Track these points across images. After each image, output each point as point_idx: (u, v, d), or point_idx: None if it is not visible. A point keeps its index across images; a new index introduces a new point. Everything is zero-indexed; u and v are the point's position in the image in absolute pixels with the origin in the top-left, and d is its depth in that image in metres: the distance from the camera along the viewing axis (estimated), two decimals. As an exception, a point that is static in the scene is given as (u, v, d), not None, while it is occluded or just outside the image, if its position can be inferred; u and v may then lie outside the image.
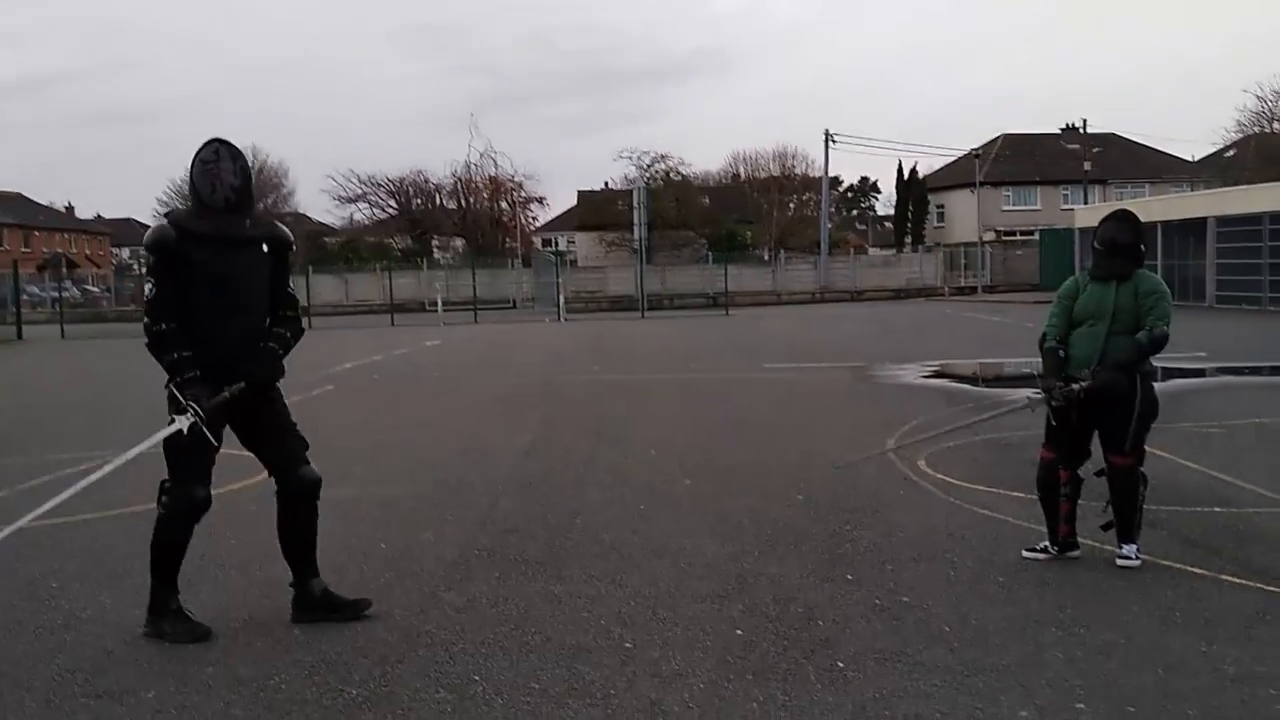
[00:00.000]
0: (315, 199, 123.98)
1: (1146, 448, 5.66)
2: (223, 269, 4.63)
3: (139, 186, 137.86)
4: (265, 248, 4.79)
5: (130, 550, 6.33)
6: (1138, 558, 5.49)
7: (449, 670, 4.29)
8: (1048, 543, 5.70)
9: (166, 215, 4.78)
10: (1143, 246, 5.77)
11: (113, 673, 4.34)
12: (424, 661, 4.40)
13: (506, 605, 5.13)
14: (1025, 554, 5.70)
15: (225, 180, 4.61)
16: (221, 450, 4.82)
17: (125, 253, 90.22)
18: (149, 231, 4.76)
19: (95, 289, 61.23)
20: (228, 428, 4.86)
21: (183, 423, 4.57)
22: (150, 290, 4.65)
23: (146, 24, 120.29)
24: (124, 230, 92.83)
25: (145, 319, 4.62)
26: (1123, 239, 5.63)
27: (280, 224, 5.17)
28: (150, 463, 5.01)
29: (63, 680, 4.26)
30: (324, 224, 72.87)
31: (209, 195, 4.61)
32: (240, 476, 8.43)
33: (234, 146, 4.67)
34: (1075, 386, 5.42)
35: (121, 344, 30.94)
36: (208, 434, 4.61)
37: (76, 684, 4.22)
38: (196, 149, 4.65)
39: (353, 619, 4.90)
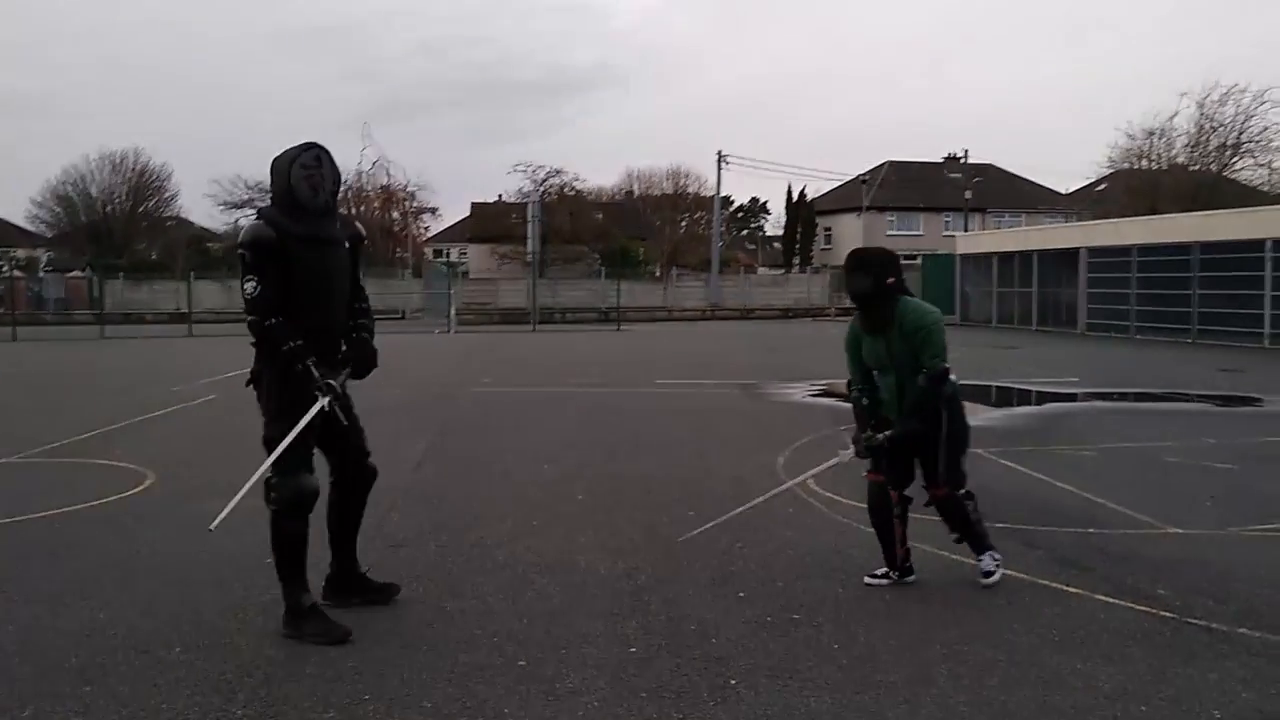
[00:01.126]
0: (199, 204, 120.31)
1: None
2: (318, 266, 4.86)
3: (7, 186, 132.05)
4: (347, 244, 5.06)
5: (1, 563, 6.09)
6: (997, 566, 5.65)
7: (338, 689, 4.22)
8: (886, 569, 5.72)
9: (259, 215, 4.93)
10: (890, 279, 5.50)
11: (-19, 693, 4.15)
12: (312, 680, 4.31)
13: (397, 622, 5.06)
14: (867, 580, 5.71)
15: (326, 186, 4.87)
16: (103, 463, 4.68)
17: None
18: (246, 230, 4.88)
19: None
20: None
21: (323, 401, 4.80)
22: (253, 289, 4.76)
23: (10, 10, 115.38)
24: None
25: (250, 316, 4.78)
26: (863, 289, 5.52)
27: (357, 221, 5.38)
28: (29, 472, 4.80)
29: (-73, 701, 4.07)
30: (207, 229, 70.80)
31: (310, 199, 4.83)
32: (122, 488, 8.17)
33: (329, 152, 4.90)
34: (880, 437, 5.49)
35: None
36: (339, 412, 4.89)
37: (-58, 705, 4.03)
38: (291, 152, 4.84)
39: (383, 603, 5.21)
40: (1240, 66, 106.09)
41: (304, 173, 4.81)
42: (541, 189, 62.56)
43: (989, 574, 5.65)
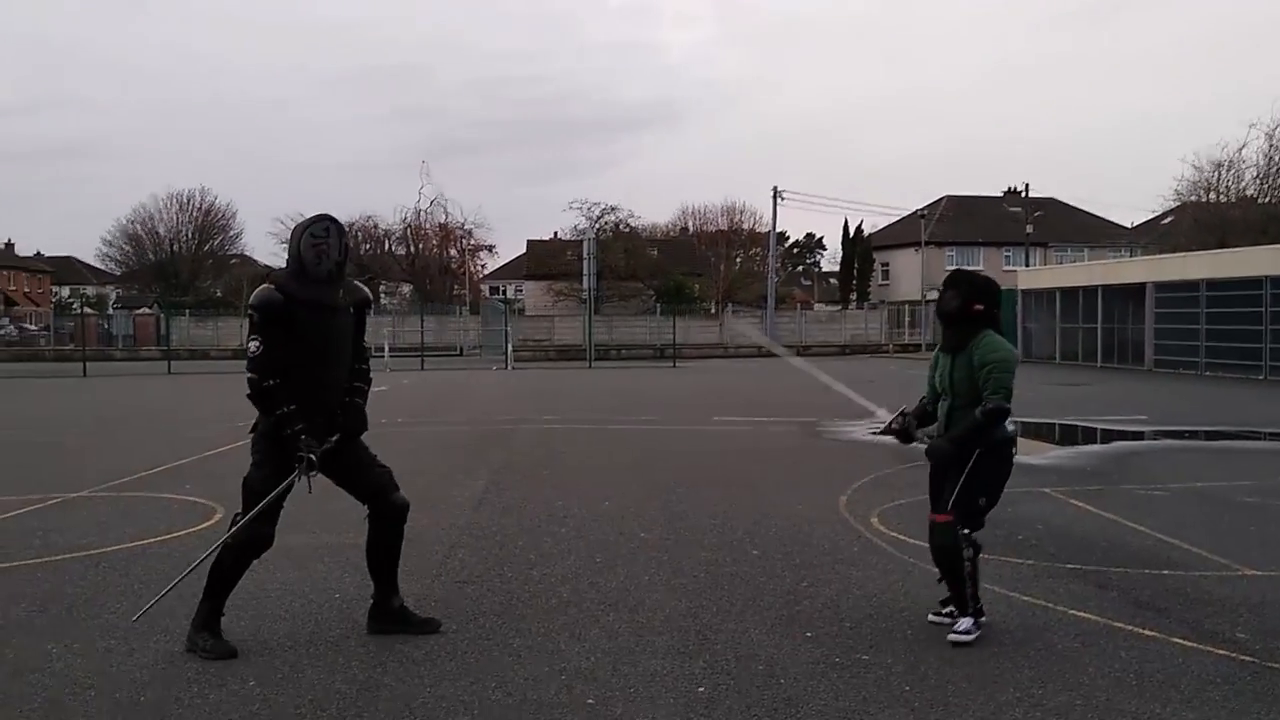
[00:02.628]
0: (263, 241, 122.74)
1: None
2: (322, 330, 5.16)
3: (80, 224, 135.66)
4: (351, 310, 5.33)
5: (77, 597, 6.21)
6: (972, 635, 5.30)
7: (409, 725, 4.23)
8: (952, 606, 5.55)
9: (269, 280, 5.23)
10: (978, 306, 5.46)
11: (61, 725, 4.22)
12: (383, 715, 4.34)
13: (465, 659, 5.08)
14: (930, 618, 5.63)
15: (331, 255, 5.15)
16: (173, 498, 4.80)
17: (65, 291, 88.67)
18: (256, 293, 5.17)
19: (33, 328, 60.00)
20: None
21: (298, 473, 5.08)
22: (256, 348, 5.05)
23: (89, 58, 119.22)
24: (65, 268, 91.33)
25: (251, 374, 5.06)
26: (947, 307, 5.52)
27: (361, 285, 5.67)
28: (101, 505, 4.91)
29: (9, 732, 4.15)
30: (270, 267, 72.18)
31: (315, 266, 5.13)
32: (192, 522, 8.30)
33: (339, 224, 5.25)
34: (911, 420, 5.73)
35: (59, 383, 30.37)
36: (309, 481, 5.13)
37: (24, 736, 4.10)
38: (305, 222, 5.19)
39: (425, 633, 5.38)
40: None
41: (312, 241, 5.13)
42: (596, 226, 63.03)
43: (960, 634, 5.31)
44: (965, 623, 5.36)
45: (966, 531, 5.38)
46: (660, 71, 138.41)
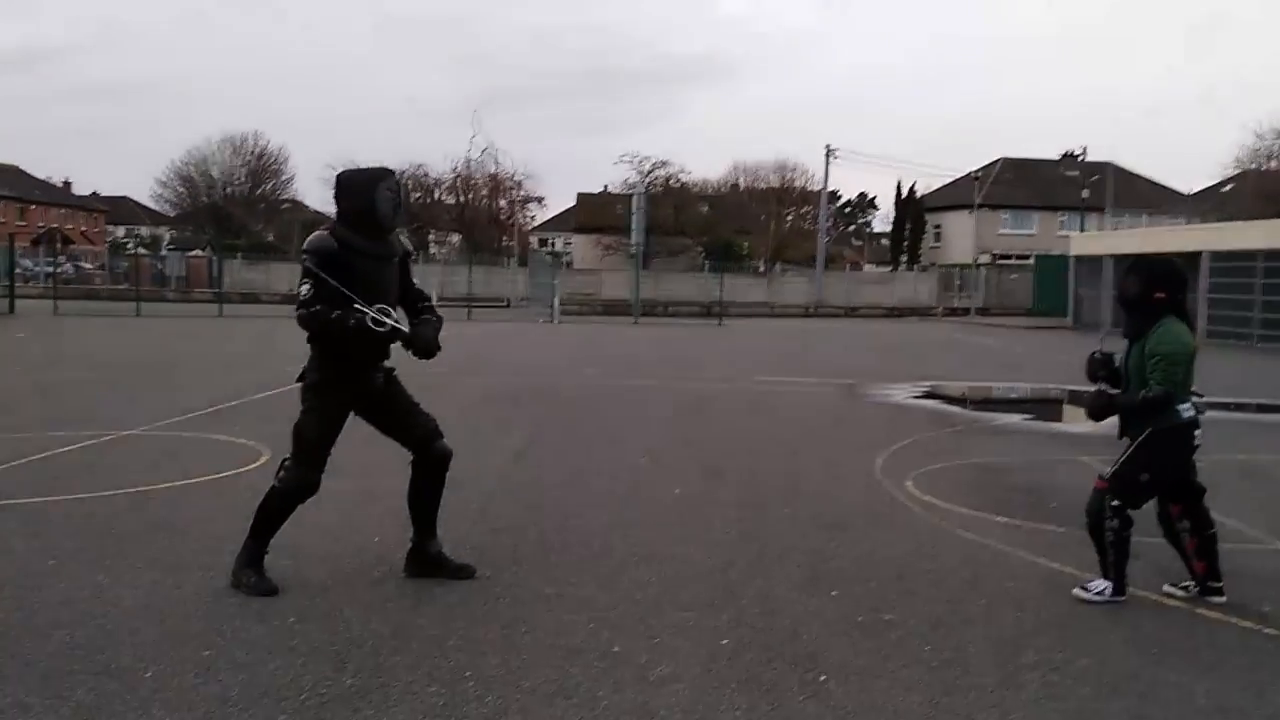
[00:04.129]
0: (313, 187, 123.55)
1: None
2: (372, 278, 5.31)
3: (136, 165, 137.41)
4: (396, 260, 5.53)
5: (128, 531, 6.44)
6: (1094, 594, 5.47)
7: (441, 665, 4.39)
8: (1188, 581, 5.65)
9: (327, 228, 5.39)
10: (1160, 294, 5.50)
11: (111, 651, 4.43)
12: (416, 655, 4.49)
13: (498, 604, 5.22)
14: (1167, 589, 5.67)
15: (400, 209, 5.48)
16: (221, 439, 5.00)
17: (120, 231, 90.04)
18: (311, 238, 5.36)
19: (89, 266, 61.07)
20: (357, 419, 5.52)
21: (378, 316, 5.17)
22: (306, 290, 5.20)
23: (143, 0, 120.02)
24: (120, 208, 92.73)
25: (299, 311, 5.20)
26: (1128, 294, 5.59)
27: (403, 237, 5.91)
28: (152, 444, 5.08)
29: (61, 657, 4.35)
30: (321, 213, 72.83)
31: (388, 218, 5.37)
32: (240, 463, 8.54)
33: (401, 180, 5.36)
34: (1106, 357, 5.68)
35: (113, 322, 30.97)
36: (391, 323, 5.23)
37: (75, 661, 4.31)
38: (373, 173, 5.43)
39: (460, 578, 5.54)
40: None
41: (389, 195, 5.34)
42: (647, 180, 62.84)
43: (1090, 591, 5.50)
44: (1098, 584, 5.49)
45: (1117, 504, 5.43)
46: (716, 24, 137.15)
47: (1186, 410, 5.46)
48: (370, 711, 3.91)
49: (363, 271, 5.26)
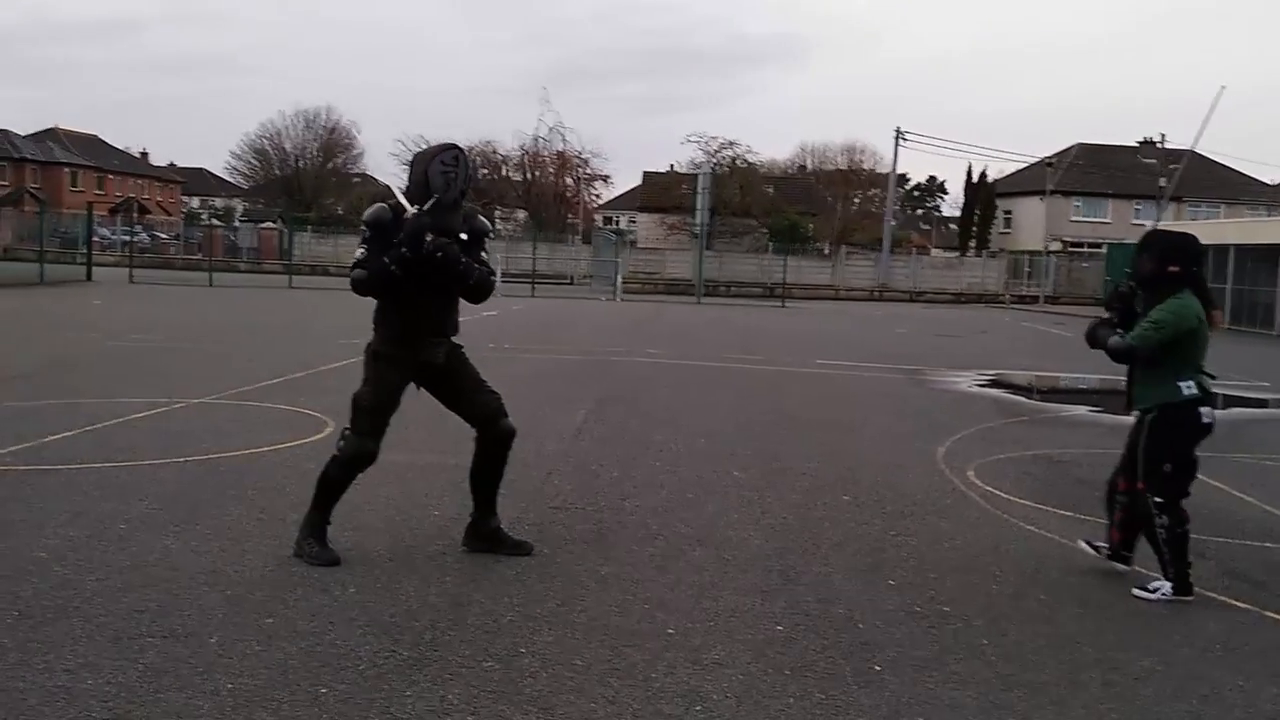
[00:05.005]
0: (384, 162, 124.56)
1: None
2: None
3: (213, 137, 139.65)
4: (464, 235, 5.45)
5: (196, 497, 6.58)
6: (1158, 595, 5.36)
7: (497, 640, 4.43)
8: (1105, 543, 5.82)
9: (388, 202, 5.45)
10: (1174, 268, 5.45)
11: (178, 616, 4.53)
12: (473, 630, 4.54)
13: (554, 581, 5.26)
14: (1081, 543, 5.93)
15: (458, 184, 5.38)
16: (288, 409, 5.09)
17: (195, 202, 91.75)
18: (370, 210, 5.50)
19: (164, 236, 62.30)
20: (423, 393, 5.65)
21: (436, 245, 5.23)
22: (361, 254, 5.33)
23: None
24: (196, 179, 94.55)
25: (352, 274, 5.36)
26: (1142, 271, 5.57)
27: (481, 215, 5.83)
28: (221, 412, 5.17)
29: (130, 620, 4.46)
30: (390, 188, 73.44)
31: (443, 191, 5.31)
32: (305, 433, 8.68)
33: (465, 155, 5.49)
34: (1127, 289, 5.67)
35: (186, 291, 31.61)
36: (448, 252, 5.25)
37: (143, 624, 4.41)
38: (433, 150, 5.44)
39: (517, 555, 5.60)
40: None
41: (442, 168, 5.32)
42: (713, 160, 62.55)
43: (1151, 591, 5.41)
44: (1158, 584, 5.42)
45: (1160, 501, 5.40)
46: (786, 4, 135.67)
47: (1188, 388, 5.41)
48: (426, 684, 3.96)
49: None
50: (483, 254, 5.61)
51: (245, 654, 4.14)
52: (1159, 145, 63.77)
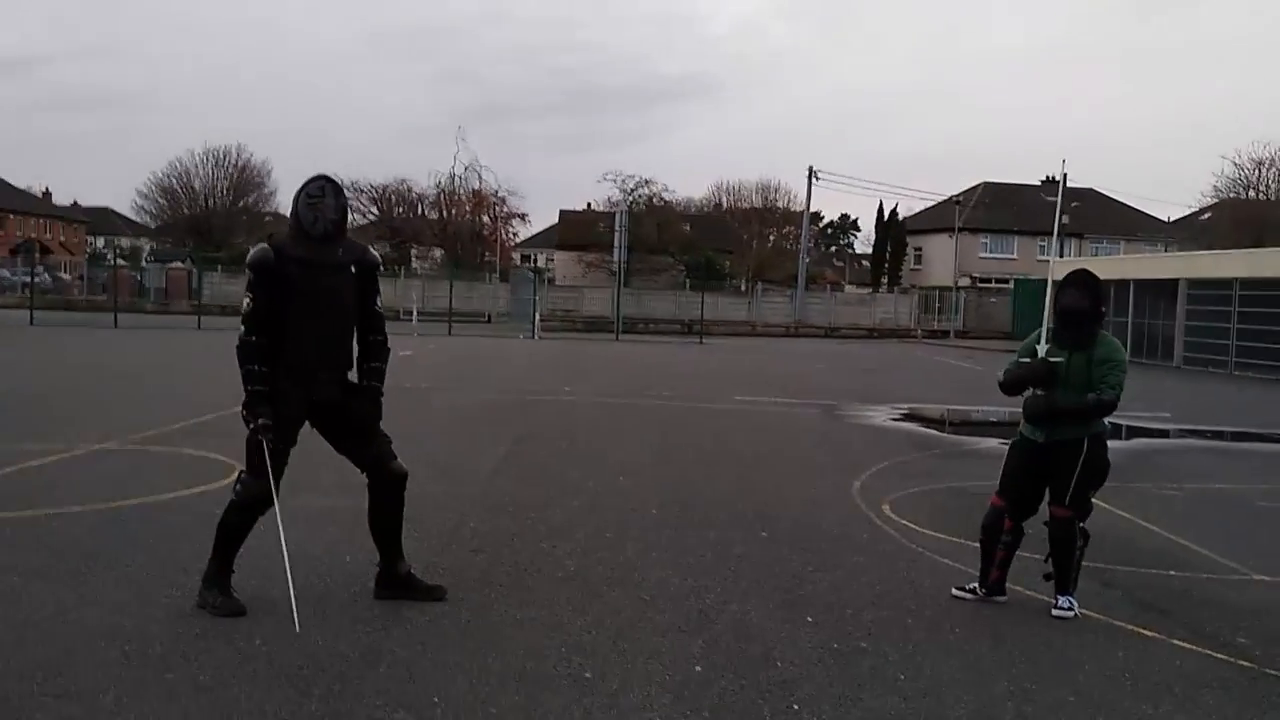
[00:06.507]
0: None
1: (1099, 504, 5.92)
2: (313, 288, 5.22)
3: (118, 176, 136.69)
4: (353, 269, 5.38)
5: (94, 548, 6.34)
6: (1074, 610, 5.67)
7: (408, 689, 4.32)
8: (977, 584, 5.98)
9: (269, 239, 5.36)
10: (1103, 308, 5.82)
11: (72, 673, 4.33)
12: (384, 679, 4.42)
13: (469, 627, 5.16)
14: (954, 592, 6.02)
15: (326, 215, 5.24)
16: (194, 454, 4.92)
17: (100, 241, 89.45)
18: (251, 252, 5.34)
19: (67, 277, 60.60)
20: (313, 432, 5.50)
21: (260, 434, 5.19)
22: (247, 304, 5.20)
23: (131, 10, 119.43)
24: (101, 219, 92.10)
25: (241, 327, 5.22)
26: (1078, 306, 5.74)
27: (371, 249, 5.70)
28: (123, 458, 5.00)
29: (22, 678, 4.25)
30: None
31: (310, 225, 5.23)
32: (211, 479, 8.44)
33: (337, 184, 5.35)
34: (1056, 362, 5.70)
35: (89, 333, 30.73)
36: (265, 447, 5.19)
37: (36, 682, 4.21)
38: (303, 183, 5.28)
39: (430, 600, 5.46)
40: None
41: (308, 201, 5.23)
42: (630, 198, 62.89)
43: (1063, 610, 5.68)
44: (1066, 600, 5.69)
45: (1082, 524, 5.74)
46: (702, 42, 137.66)
47: (1105, 421, 5.83)
48: (335, 738, 3.83)
49: (303, 282, 5.17)
50: (377, 298, 5.54)
51: (144, 712, 3.97)
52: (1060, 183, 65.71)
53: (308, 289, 5.21)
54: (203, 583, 5.28)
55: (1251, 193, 47.75)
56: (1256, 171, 47.08)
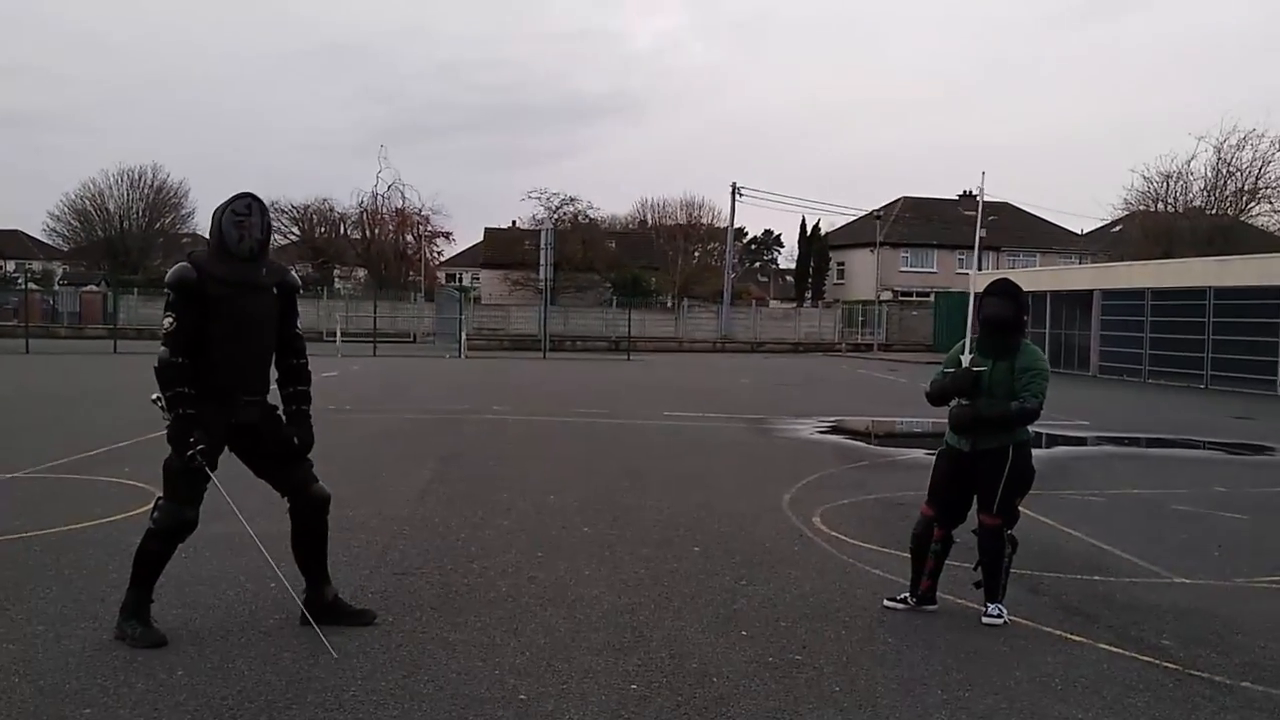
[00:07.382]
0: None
1: (1023, 511, 6.03)
2: (236, 308, 5.11)
3: (29, 197, 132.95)
4: (275, 291, 5.29)
5: (6, 579, 6.12)
6: (1003, 617, 5.75)
7: (338, 718, 4.21)
8: (908, 594, 6.04)
9: (189, 257, 5.20)
10: (1025, 316, 5.94)
11: (-18, 712, 4.16)
12: (313, 708, 4.31)
13: (399, 651, 5.06)
14: (886, 603, 6.06)
15: (252, 234, 5.13)
16: (110, 481, 4.75)
17: (10, 265, 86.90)
18: (172, 271, 5.17)
19: (-26, 300, 58.62)
20: (233, 457, 5.36)
21: (193, 459, 5.04)
22: (169, 324, 5.07)
23: (35, 31, 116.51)
24: (10, 242, 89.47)
25: (162, 348, 5.05)
26: (1002, 314, 5.83)
27: (291, 270, 5.64)
28: (36, 486, 4.83)
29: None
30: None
31: (235, 244, 5.10)
32: (128, 506, 8.19)
33: (263, 203, 5.21)
34: (980, 371, 5.77)
35: (0, 360, 29.78)
36: (205, 467, 5.08)
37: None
38: (228, 199, 5.13)
39: (358, 625, 5.35)
40: (1258, 113, 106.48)
41: (234, 219, 5.10)
42: (555, 216, 62.81)
43: (994, 617, 5.76)
44: (996, 607, 5.78)
45: (1009, 531, 5.83)
46: (623, 60, 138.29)
47: (1029, 427, 5.93)
48: (262, 770, 3.72)
49: (225, 302, 5.08)
50: (297, 321, 5.45)
51: (59, 750, 3.82)
52: (977, 198, 67.10)
53: (230, 310, 5.10)
54: (121, 613, 5.12)
55: (1160, 205, 49.16)
56: (1165, 184, 48.52)
